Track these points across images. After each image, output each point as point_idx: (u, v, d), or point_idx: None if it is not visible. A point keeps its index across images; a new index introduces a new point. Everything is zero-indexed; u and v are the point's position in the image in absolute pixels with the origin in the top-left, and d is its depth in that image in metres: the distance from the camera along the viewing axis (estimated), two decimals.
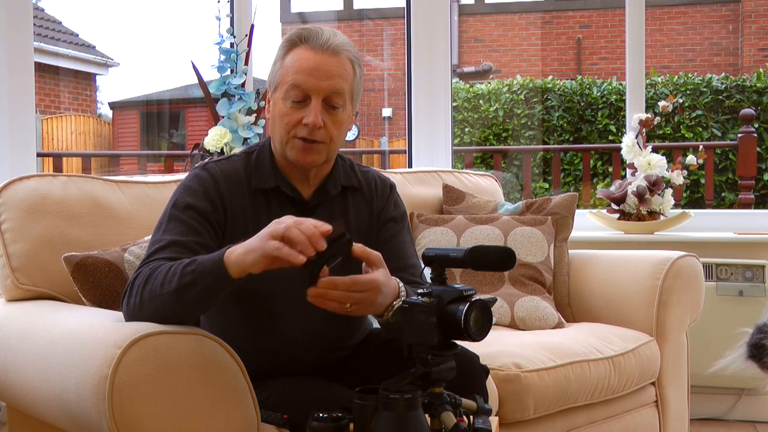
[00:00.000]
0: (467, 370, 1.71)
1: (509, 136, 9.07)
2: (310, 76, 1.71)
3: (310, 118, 1.70)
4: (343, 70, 1.74)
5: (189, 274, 1.52)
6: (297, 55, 1.74)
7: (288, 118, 1.73)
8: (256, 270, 1.47)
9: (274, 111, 1.77)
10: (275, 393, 1.71)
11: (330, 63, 1.72)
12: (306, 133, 1.71)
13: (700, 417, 3.38)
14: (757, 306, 3.25)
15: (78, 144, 11.30)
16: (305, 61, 1.72)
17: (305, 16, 13.36)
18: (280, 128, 1.75)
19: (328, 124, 1.73)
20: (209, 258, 1.53)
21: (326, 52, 1.73)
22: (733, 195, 7.93)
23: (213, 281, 1.51)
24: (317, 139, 1.72)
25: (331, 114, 1.73)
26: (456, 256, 1.52)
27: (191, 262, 1.53)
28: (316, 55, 1.72)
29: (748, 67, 10.85)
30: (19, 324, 1.84)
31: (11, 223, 2.00)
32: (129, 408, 1.43)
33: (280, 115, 1.74)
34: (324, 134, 1.73)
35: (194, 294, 1.52)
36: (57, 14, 12.26)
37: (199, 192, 1.72)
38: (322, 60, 1.72)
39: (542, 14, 12.45)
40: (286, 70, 1.74)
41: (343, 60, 1.74)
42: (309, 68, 1.71)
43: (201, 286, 1.52)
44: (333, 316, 1.80)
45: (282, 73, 1.75)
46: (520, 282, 2.73)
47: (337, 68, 1.73)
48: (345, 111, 1.76)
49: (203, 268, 1.51)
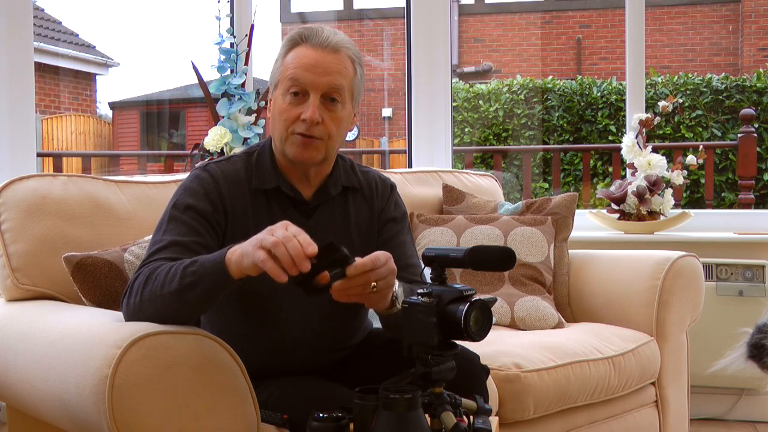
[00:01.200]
0: (467, 370, 1.72)
1: (509, 136, 9.07)
2: (309, 71, 1.72)
3: (308, 113, 1.70)
4: (342, 67, 1.74)
5: (190, 275, 1.52)
6: (297, 53, 1.75)
7: (287, 114, 1.73)
8: (253, 273, 1.47)
9: (274, 108, 1.77)
10: (275, 393, 1.71)
11: (329, 60, 1.73)
12: (304, 128, 1.72)
13: (700, 417, 3.38)
14: (757, 306, 3.24)
15: (78, 144, 11.29)
16: (304, 58, 1.73)
17: (305, 16, 13.36)
18: (279, 125, 1.75)
19: (327, 120, 1.73)
20: (210, 259, 1.53)
21: (326, 49, 1.73)
22: (733, 195, 7.93)
23: (214, 282, 1.51)
24: (315, 135, 1.72)
25: (329, 110, 1.74)
26: (456, 256, 1.52)
27: (192, 263, 1.53)
28: (315, 52, 1.73)
29: (748, 67, 10.85)
30: (19, 324, 1.84)
31: (11, 223, 2.00)
32: (129, 408, 1.43)
33: (279, 111, 1.75)
34: (322, 130, 1.73)
35: (195, 294, 1.52)
36: (57, 14, 12.26)
37: (199, 193, 1.72)
38: (322, 57, 1.73)
39: (542, 14, 12.45)
40: (286, 67, 1.75)
41: (343, 58, 1.75)
42: (308, 64, 1.72)
43: (202, 287, 1.52)
44: (333, 316, 1.82)
45: (282, 71, 1.76)
46: (520, 282, 2.73)
47: (336, 65, 1.73)
48: (344, 109, 1.76)
49: (204, 269, 1.51)
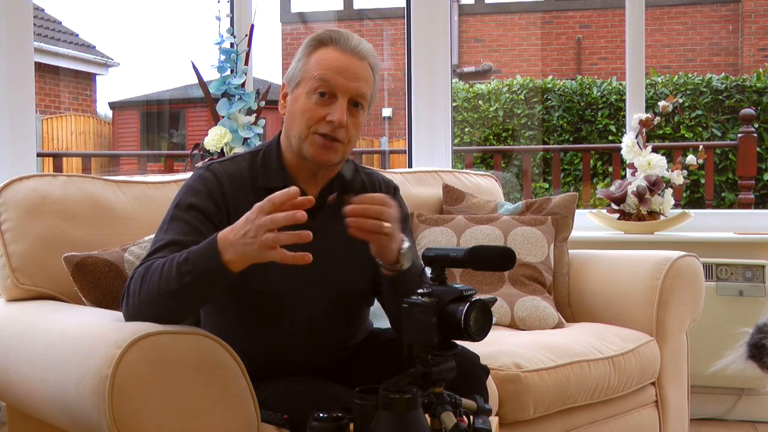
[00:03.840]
0: (467, 370, 1.72)
1: (509, 136, 9.07)
2: (340, 75, 1.72)
3: (336, 115, 1.71)
4: (368, 75, 1.77)
5: (186, 275, 1.51)
6: (326, 54, 1.75)
7: (311, 113, 1.73)
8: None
9: (294, 106, 1.76)
10: (275, 393, 1.71)
11: (358, 66, 1.74)
12: (329, 129, 1.72)
13: (700, 417, 3.38)
14: (757, 306, 3.25)
15: (78, 144, 11.29)
16: (335, 61, 1.73)
17: (305, 16, 13.36)
18: (300, 123, 1.74)
19: (349, 124, 1.74)
20: (206, 259, 1.51)
21: (356, 55, 1.75)
22: (733, 195, 7.93)
23: (211, 281, 1.52)
24: (338, 138, 1.73)
25: (353, 115, 1.75)
26: (456, 256, 1.52)
27: (185, 262, 1.52)
28: (345, 57, 1.74)
29: (748, 67, 10.84)
30: (19, 324, 1.84)
31: (11, 223, 2.00)
32: (129, 408, 1.43)
33: (302, 110, 1.74)
34: (344, 134, 1.73)
35: (192, 293, 1.53)
36: (57, 14, 12.26)
37: (202, 192, 1.72)
38: (352, 62, 1.74)
39: (542, 14, 12.45)
40: (313, 66, 1.74)
41: (367, 66, 1.77)
42: (339, 67, 1.73)
43: (204, 289, 1.53)
44: (334, 316, 1.82)
45: (307, 69, 1.75)
46: (520, 282, 2.73)
47: (363, 72, 1.75)
48: (363, 115, 1.78)
49: (200, 269, 1.51)
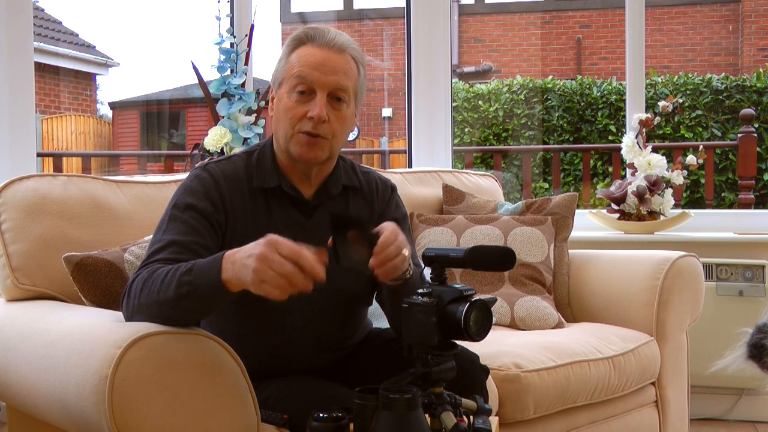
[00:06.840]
0: (467, 370, 1.72)
1: (509, 136, 9.06)
2: (316, 70, 1.73)
3: (315, 111, 1.71)
4: (348, 67, 1.76)
5: (186, 285, 1.50)
6: (303, 52, 1.76)
7: (293, 112, 1.74)
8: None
9: (279, 106, 1.77)
10: (275, 393, 1.71)
11: (335, 59, 1.75)
12: (310, 127, 1.72)
13: (700, 417, 3.38)
14: (757, 306, 3.24)
15: (78, 144, 11.29)
16: (311, 56, 1.74)
17: (305, 16, 13.35)
18: (284, 122, 1.75)
19: (332, 119, 1.74)
20: (206, 273, 1.49)
21: (332, 49, 1.75)
22: (733, 195, 7.92)
23: (206, 296, 1.50)
24: (321, 134, 1.73)
25: (335, 109, 1.75)
26: (456, 256, 1.52)
27: (188, 272, 1.51)
28: (322, 51, 1.74)
29: (748, 67, 10.84)
30: (19, 324, 1.84)
31: (11, 223, 2.00)
32: (129, 408, 1.43)
33: (284, 109, 1.75)
34: (327, 129, 1.73)
35: (191, 304, 1.52)
36: (57, 14, 12.26)
37: (199, 192, 1.72)
38: (328, 56, 1.74)
39: (542, 14, 12.45)
40: (292, 65, 1.76)
41: (348, 58, 1.77)
42: (315, 62, 1.73)
43: (201, 301, 1.51)
44: (333, 316, 1.82)
45: (287, 69, 1.77)
46: (520, 282, 2.73)
47: (342, 65, 1.75)
48: (348, 108, 1.78)
49: (198, 281, 1.49)
